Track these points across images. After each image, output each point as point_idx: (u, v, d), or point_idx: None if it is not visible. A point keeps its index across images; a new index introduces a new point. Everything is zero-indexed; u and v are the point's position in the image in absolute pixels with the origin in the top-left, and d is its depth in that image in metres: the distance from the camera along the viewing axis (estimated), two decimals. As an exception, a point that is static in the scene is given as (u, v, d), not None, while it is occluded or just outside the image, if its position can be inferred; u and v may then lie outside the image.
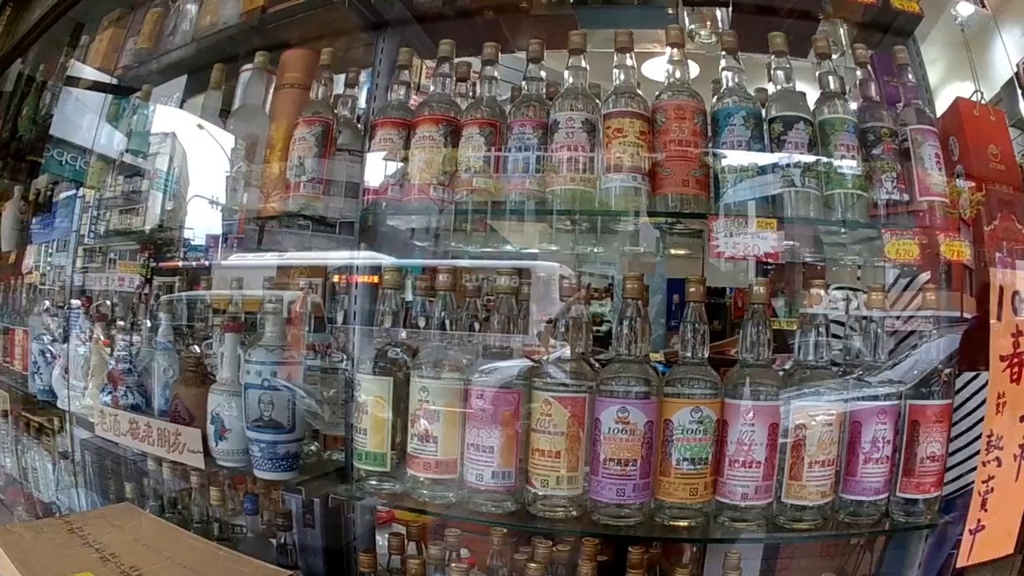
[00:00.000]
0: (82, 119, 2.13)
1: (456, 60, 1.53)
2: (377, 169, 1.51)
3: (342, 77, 1.63)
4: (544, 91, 1.49)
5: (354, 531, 1.60)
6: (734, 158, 1.39)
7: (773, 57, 1.45)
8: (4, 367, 2.54)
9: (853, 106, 1.46)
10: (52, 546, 1.44)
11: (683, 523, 1.34)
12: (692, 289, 1.35)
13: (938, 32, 1.71)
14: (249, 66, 1.69)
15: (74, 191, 2.22)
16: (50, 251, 2.36)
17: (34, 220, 2.51)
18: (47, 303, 2.22)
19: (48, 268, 2.35)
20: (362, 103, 1.63)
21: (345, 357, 1.61)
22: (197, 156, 1.79)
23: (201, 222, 1.79)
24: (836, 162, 1.39)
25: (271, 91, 1.68)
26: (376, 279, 1.53)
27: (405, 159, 1.49)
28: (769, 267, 1.53)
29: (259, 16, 1.70)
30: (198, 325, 1.82)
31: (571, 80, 1.45)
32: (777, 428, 1.33)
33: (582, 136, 1.40)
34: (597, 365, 1.41)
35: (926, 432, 1.35)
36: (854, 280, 1.62)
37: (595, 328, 1.58)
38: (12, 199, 2.68)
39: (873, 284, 1.44)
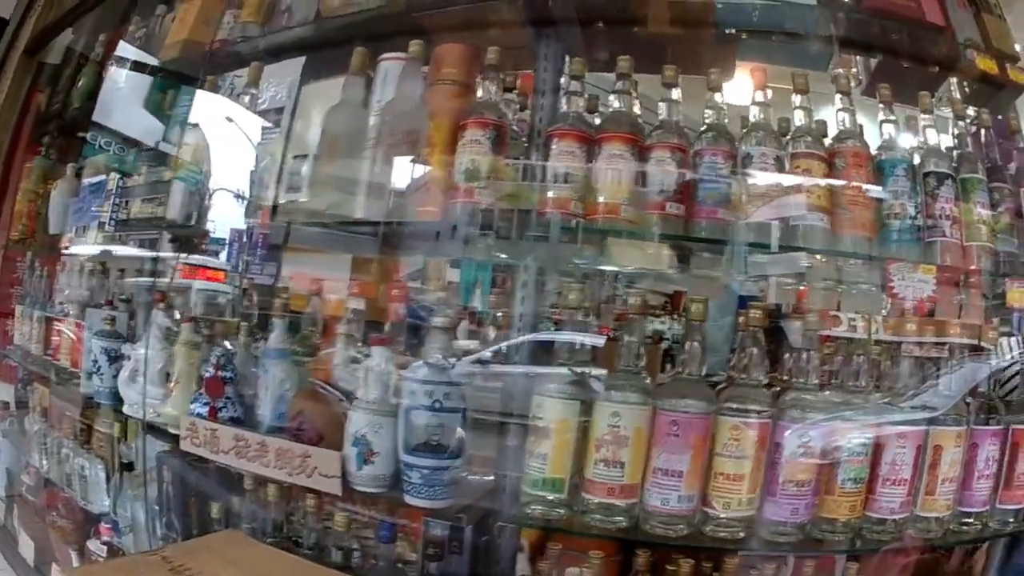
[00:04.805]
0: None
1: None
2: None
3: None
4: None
5: (503, 558, 1.54)
6: (900, 206, 1.50)
7: (921, 115, 1.59)
8: (46, 361, 2.19)
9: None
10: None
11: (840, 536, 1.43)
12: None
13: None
14: (394, 55, 1.55)
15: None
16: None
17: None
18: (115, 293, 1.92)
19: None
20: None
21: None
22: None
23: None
24: (976, 218, 1.55)
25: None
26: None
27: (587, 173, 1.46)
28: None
29: (406, 1, 1.57)
30: (305, 331, 1.64)
31: (760, 116, 1.50)
32: (920, 450, 1.46)
33: (773, 172, 1.45)
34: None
35: (1024, 452, 1.55)
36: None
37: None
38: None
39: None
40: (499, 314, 1.60)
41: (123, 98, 2.07)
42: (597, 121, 1.54)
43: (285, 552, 1.50)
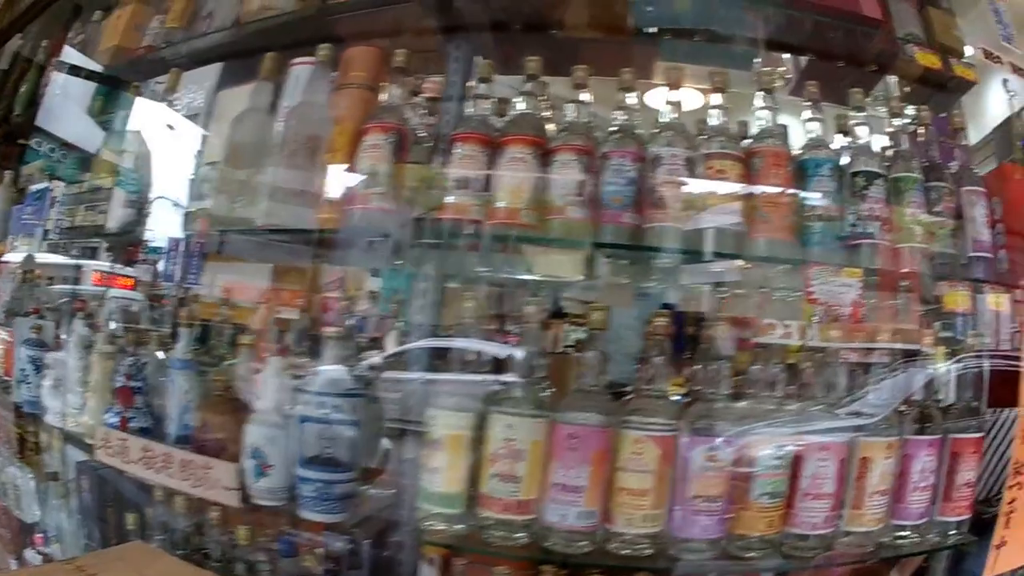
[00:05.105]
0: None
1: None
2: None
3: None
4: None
5: (404, 574, 1.50)
6: (823, 208, 1.43)
7: (852, 112, 1.51)
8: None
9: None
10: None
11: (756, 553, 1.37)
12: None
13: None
14: (304, 60, 1.52)
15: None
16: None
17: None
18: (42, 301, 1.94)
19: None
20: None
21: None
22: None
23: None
24: (909, 219, 1.47)
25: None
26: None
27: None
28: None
29: (318, 5, 1.55)
30: (213, 341, 1.62)
31: (674, 115, 1.43)
32: (845, 463, 1.39)
33: (684, 173, 1.39)
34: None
35: (965, 462, 1.48)
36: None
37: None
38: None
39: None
40: (400, 323, 1.57)
41: (64, 104, 2.08)
42: (504, 124, 1.50)
43: (195, 566, 1.47)
